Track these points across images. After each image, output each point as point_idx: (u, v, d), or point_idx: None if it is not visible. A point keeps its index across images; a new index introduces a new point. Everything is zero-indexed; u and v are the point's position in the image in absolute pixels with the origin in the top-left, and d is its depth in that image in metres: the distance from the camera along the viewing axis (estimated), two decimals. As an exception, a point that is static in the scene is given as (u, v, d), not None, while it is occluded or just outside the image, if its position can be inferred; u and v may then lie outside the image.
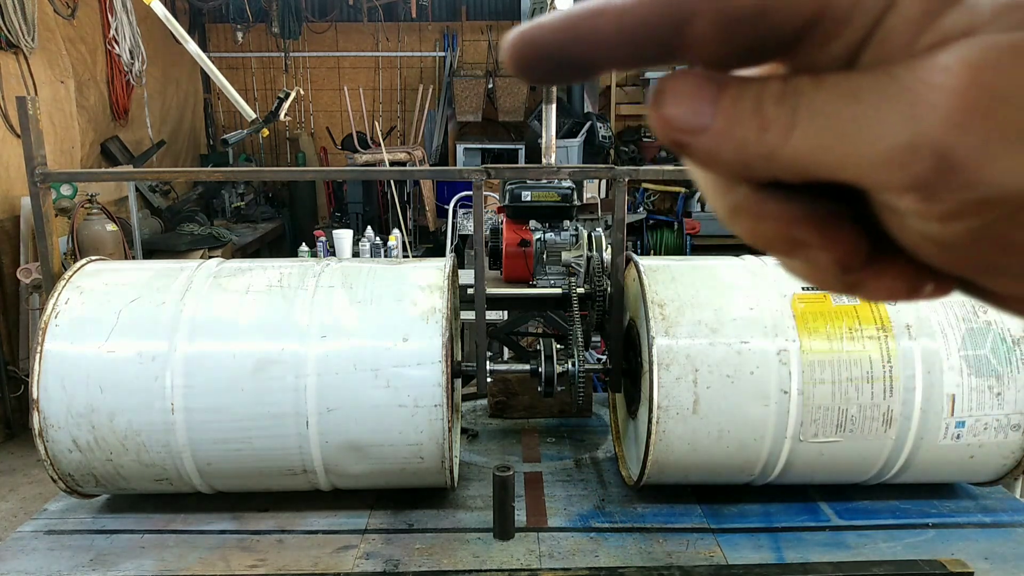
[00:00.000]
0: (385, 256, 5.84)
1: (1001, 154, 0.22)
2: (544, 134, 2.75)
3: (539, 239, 4.15)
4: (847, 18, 0.24)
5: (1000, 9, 0.23)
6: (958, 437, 2.11)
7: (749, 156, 0.25)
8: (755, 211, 0.27)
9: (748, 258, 2.38)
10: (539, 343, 2.49)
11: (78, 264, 2.29)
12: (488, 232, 4.12)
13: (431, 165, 7.89)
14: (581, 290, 2.67)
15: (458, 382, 2.66)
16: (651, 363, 2.09)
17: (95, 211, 5.14)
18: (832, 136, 0.24)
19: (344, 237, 5.78)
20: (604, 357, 2.64)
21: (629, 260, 2.43)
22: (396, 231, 6.09)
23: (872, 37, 0.24)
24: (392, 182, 6.72)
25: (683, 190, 8.36)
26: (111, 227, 5.18)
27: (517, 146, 8.11)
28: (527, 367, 2.46)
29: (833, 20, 0.24)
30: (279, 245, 8.04)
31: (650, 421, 2.09)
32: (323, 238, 5.98)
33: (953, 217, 0.23)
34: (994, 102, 0.22)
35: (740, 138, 0.25)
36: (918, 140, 0.23)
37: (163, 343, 2.06)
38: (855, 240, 0.27)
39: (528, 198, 4.26)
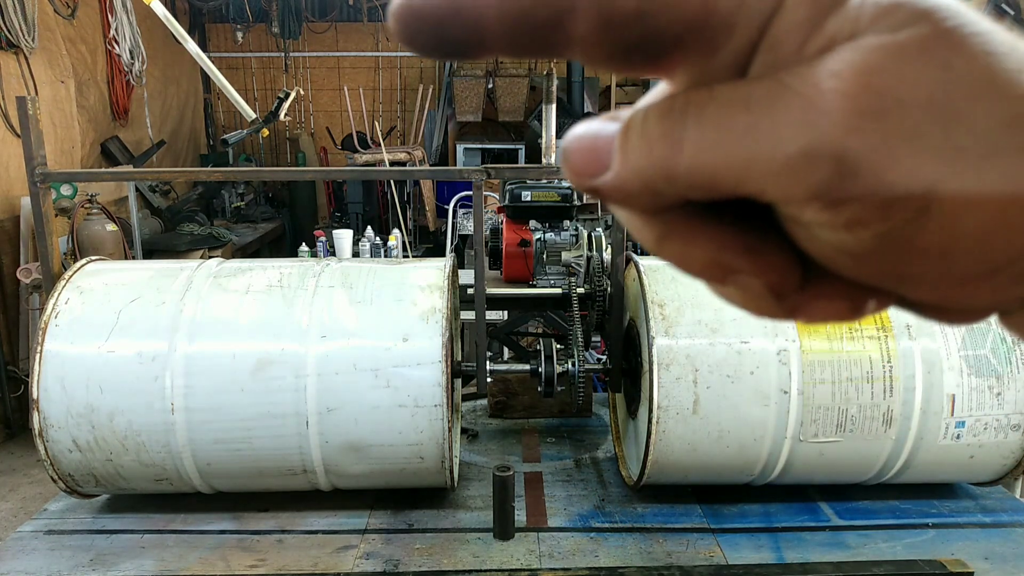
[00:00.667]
0: (385, 256, 5.84)
1: (898, 155, 0.22)
2: (544, 134, 2.75)
3: (539, 239, 4.15)
4: (731, 23, 0.24)
5: (881, 11, 0.23)
6: (958, 437, 2.11)
7: (650, 180, 0.25)
8: (681, 238, 0.27)
9: (748, 258, 2.38)
10: (539, 343, 2.49)
11: (78, 264, 2.29)
12: (488, 232, 4.12)
13: (431, 165, 7.89)
14: (581, 290, 2.67)
15: (458, 382, 2.66)
16: (651, 363, 2.09)
17: (95, 211, 5.14)
18: (726, 148, 0.23)
19: (344, 237, 5.78)
20: (604, 357, 2.64)
21: (629, 260, 2.43)
22: (396, 231, 6.09)
23: (760, 44, 0.24)
24: (392, 182, 6.72)
25: (683, 190, 8.36)
26: (111, 227, 5.18)
27: (517, 146, 8.10)
28: (527, 367, 2.46)
29: (717, 25, 0.24)
30: (279, 245, 8.04)
31: (650, 421, 2.09)
32: (323, 238, 5.98)
33: (858, 224, 0.23)
34: (886, 103, 0.22)
35: (635, 164, 0.25)
36: (814, 147, 0.22)
37: (163, 343, 2.06)
38: (786, 263, 0.26)
39: (528, 198, 4.26)
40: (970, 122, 0.22)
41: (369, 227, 6.19)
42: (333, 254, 5.75)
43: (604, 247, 3.50)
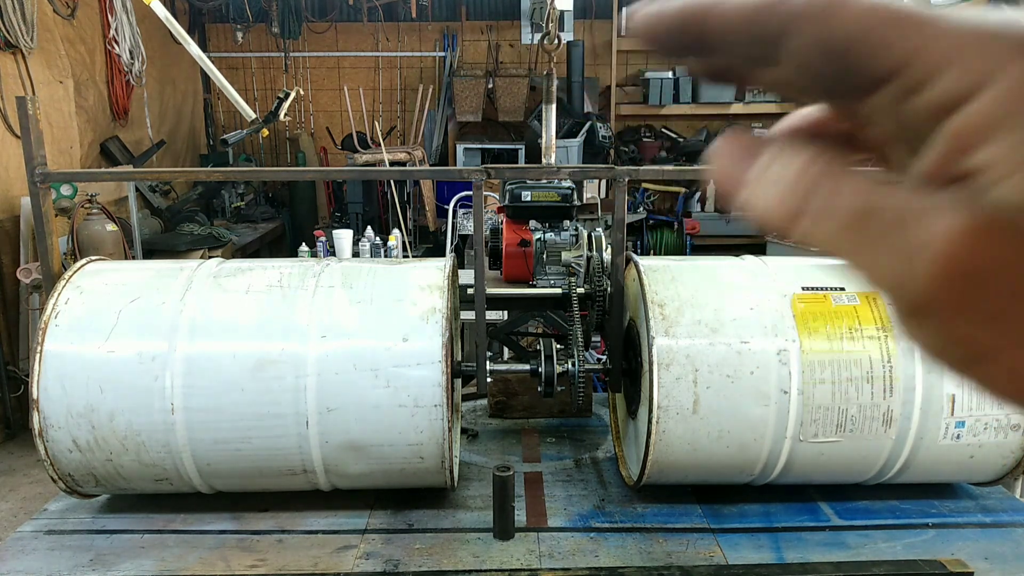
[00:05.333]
0: (385, 256, 5.84)
1: (964, 330, 0.25)
2: (544, 134, 2.75)
3: (539, 239, 4.15)
4: (927, 79, 0.26)
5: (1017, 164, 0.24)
6: (958, 437, 2.11)
7: (770, 220, 0.29)
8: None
9: (748, 258, 2.38)
10: (539, 343, 2.49)
11: (78, 264, 2.29)
12: (488, 232, 4.12)
13: (431, 165, 7.89)
14: (581, 290, 2.67)
15: (458, 382, 2.66)
16: (651, 363, 2.09)
17: (95, 211, 5.13)
18: (838, 239, 0.27)
19: (344, 237, 5.78)
20: (604, 357, 2.64)
21: (629, 260, 2.43)
22: (396, 231, 6.09)
23: (939, 125, 0.26)
24: (392, 182, 6.71)
25: (683, 190, 8.37)
26: (111, 227, 5.18)
27: (517, 146, 8.10)
28: (527, 367, 2.46)
29: (916, 75, 0.26)
30: (279, 245, 8.03)
31: (650, 421, 2.09)
32: (323, 238, 5.98)
33: (919, 330, 0.26)
34: (970, 281, 0.24)
35: (762, 204, 0.29)
36: (907, 280, 0.25)
37: (163, 343, 2.06)
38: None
39: (528, 198, 4.26)
40: None
41: (369, 227, 6.19)
42: (333, 254, 5.74)
43: (604, 247, 3.49)
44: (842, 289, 2.17)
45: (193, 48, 3.95)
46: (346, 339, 2.09)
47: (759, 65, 0.29)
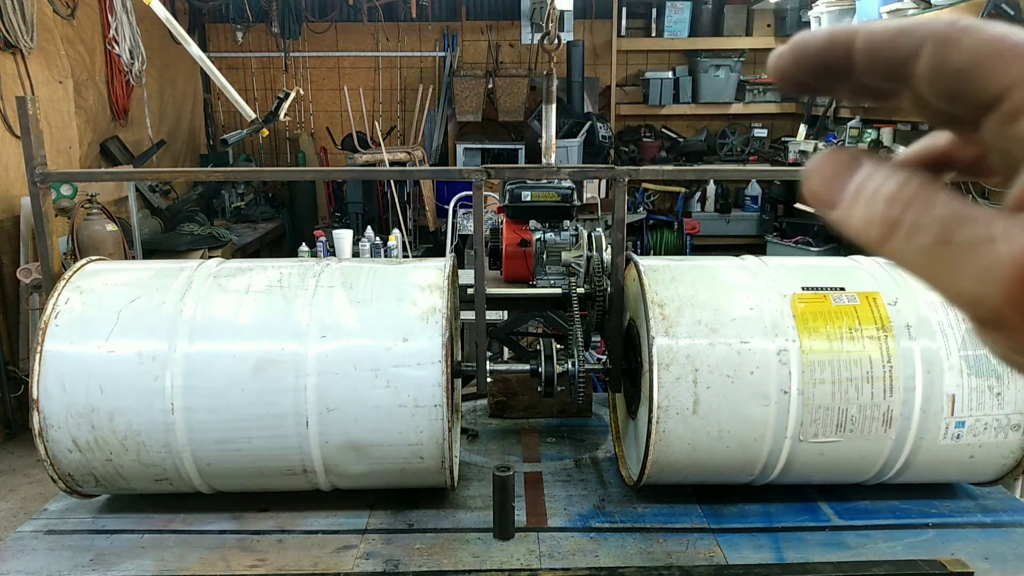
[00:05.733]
0: (385, 256, 5.84)
1: None
2: (544, 134, 2.75)
3: (539, 239, 4.15)
4: (872, 65, 0.29)
5: None
6: (958, 437, 2.11)
7: (862, 239, 0.31)
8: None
9: (748, 258, 2.38)
10: (539, 343, 2.49)
11: (78, 264, 2.29)
12: (488, 232, 4.12)
13: (431, 165, 7.89)
14: (581, 290, 2.67)
15: (458, 382, 2.66)
16: (651, 363, 2.09)
17: (95, 211, 5.13)
18: (923, 260, 0.29)
19: (344, 237, 5.78)
20: (604, 357, 2.64)
21: (629, 260, 2.43)
22: (396, 231, 6.09)
23: None
24: (392, 182, 6.71)
25: (683, 190, 8.37)
26: (111, 227, 5.17)
27: (517, 146, 8.10)
28: (527, 367, 2.46)
29: (1016, 102, 0.28)
30: (279, 245, 8.03)
31: (650, 421, 2.09)
32: (323, 238, 5.98)
33: (991, 340, 0.29)
34: None
35: (854, 225, 0.31)
36: (981, 296, 0.27)
37: (163, 343, 2.06)
38: None
39: (528, 198, 4.26)
40: None
41: (369, 227, 6.19)
42: (333, 254, 5.75)
43: (604, 247, 3.49)
44: (842, 289, 2.17)
45: (193, 48, 3.95)
46: (346, 339, 2.09)
47: (895, 88, 0.32)
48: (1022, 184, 0.28)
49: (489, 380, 2.48)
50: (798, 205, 7.28)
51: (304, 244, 6.04)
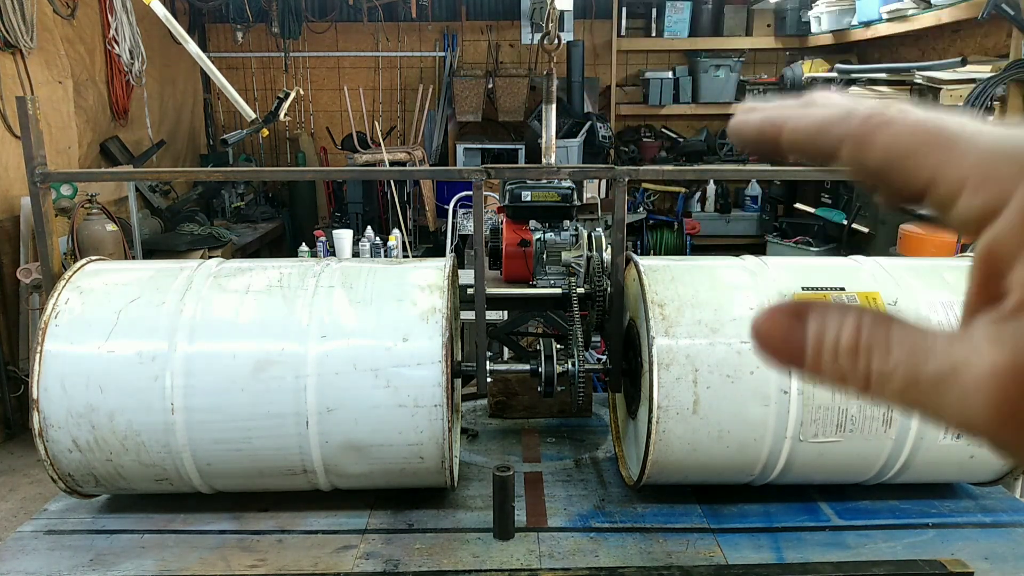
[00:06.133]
0: (385, 256, 5.84)
1: None
2: (544, 134, 2.75)
3: (539, 239, 4.15)
4: (951, 197, 0.29)
5: None
6: (958, 437, 2.11)
7: (838, 388, 0.32)
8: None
9: (748, 258, 2.38)
10: (539, 343, 2.49)
11: (78, 264, 2.29)
12: (488, 232, 4.12)
13: (431, 165, 7.89)
14: (581, 290, 2.67)
15: (458, 382, 2.66)
16: (651, 363, 2.09)
17: (95, 211, 5.13)
18: (900, 397, 0.29)
19: (344, 237, 5.78)
20: (604, 357, 2.64)
21: (629, 260, 2.43)
22: (396, 231, 6.09)
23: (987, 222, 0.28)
24: (392, 182, 6.71)
25: (683, 190, 8.37)
26: (111, 227, 5.17)
27: (517, 146, 8.10)
28: (527, 367, 2.46)
29: (942, 191, 0.29)
30: (279, 245, 8.03)
31: (650, 421, 2.09)
32: (323, 238, 5.98)
33: (1001, 451, 0.29)
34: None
35: (828, 379, 0.31)
36: (969, 424, 0.27)
37: (163, 343, 2.06)
38: None
39: (528, 198, 4.26)
40: None
41: (369, 227, 6.19)
42: (333, 254, 5.75)
43: (604, 247, 3.49)
44: (842, 289, 2.17)
45: (193, 48, 3.96)
46: (346, 339, 2.09)
47: (826, 164, 0.34)
48: (973, 280, 0.29)
49: (489, 380, 2.48)
50: (798, 205, 7.28)
51: (304, 244, 6.04)
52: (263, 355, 2.06)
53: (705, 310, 2.13)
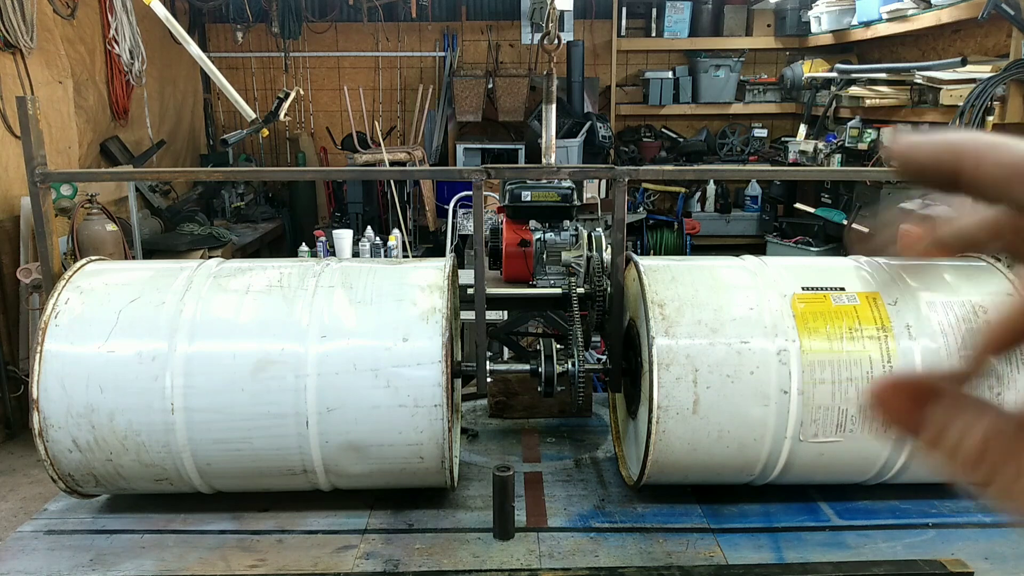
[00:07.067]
0: (385, 256, 5.84)
1: None
2: (544, 134, 2.75)
3: (539, 239, 4.15)
4: (976, 184, 0.34)
5: None
6: None
7: (964, 475, 0.33)
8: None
9: (748, 258, 2.38)
10: (539, 343, 2.49)
11: (78, 264, 2.29)
12: (488, 232, 4.12)
13: (431, 165, 7.89)
14: (581, 290, 2.67)
15: (458, 382, 2.66)
16: (651, 363, 2.09)
17: (95, 211, 5.13)
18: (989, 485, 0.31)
19: (344, 237, 5.78)
20: (604, 357, 2.64)
21: (629, 260, 2.43)
22: (396, 231, 6.09)
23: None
24: (392, 182, 6.71)
25: (683, 190, 8.36)
26: (111, 227, 5.17)
27: (517, 146, 8.10)
28: (527, 367, 2.46)
29: (965, 183, 0.34)
30: (279, 245, 8.03)
31: (650, 421, 2.09)
32: (323, 238, 5.98)
33: None
34: None
35: (944, 455, 0.33)
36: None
37: (163, 343, 2.06)
38: None
39: (528, 198, 4.26)
40: None
41: (369, 227, 6.19)
42: (333, 254, 5.75)
43: (604, 247, 3.49)
44: (842, 289, 2.17)
45: (193, 48, 3.96)
46: (346, 339, 2.09)
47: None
48: None
49: (489, 380, 2.48)
50: (798, 205, 7.28)
51: (304, 244, 6.04)
52: (263, 355, 2.06)
53: (705, 310, 2.13)
